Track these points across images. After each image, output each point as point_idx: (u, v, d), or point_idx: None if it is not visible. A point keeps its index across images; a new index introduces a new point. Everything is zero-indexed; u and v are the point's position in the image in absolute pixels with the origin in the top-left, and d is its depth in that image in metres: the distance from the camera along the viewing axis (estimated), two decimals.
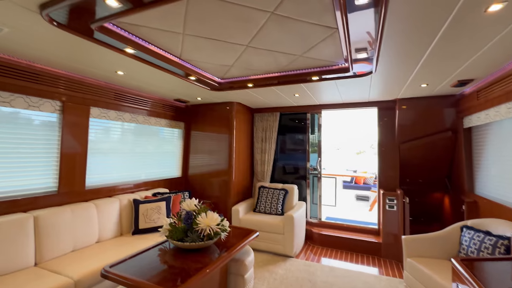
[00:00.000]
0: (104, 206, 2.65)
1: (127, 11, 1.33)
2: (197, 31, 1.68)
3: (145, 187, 3.42)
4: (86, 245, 2.42)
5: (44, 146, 2.37)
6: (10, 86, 2.09)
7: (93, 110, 2.74)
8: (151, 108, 3.47)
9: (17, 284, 1.74)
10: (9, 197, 2.13)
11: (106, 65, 2.25)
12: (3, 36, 1.68)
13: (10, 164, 2.14)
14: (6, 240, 1.90)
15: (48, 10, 1.34)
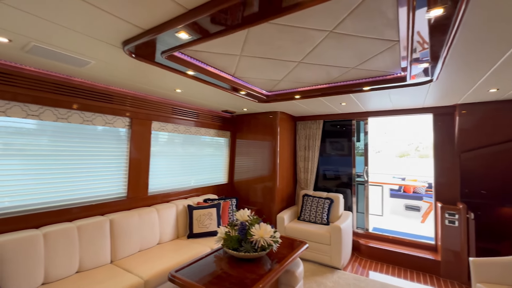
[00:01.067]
0: (164, 211, 2.86)
1: (194, 41, 1.43)
2: (254, 52, 1.73)
3: (196, 193, 3.61)
4: (149, 246, 2.64)
5: (115, 157, 2.65)
6: (91, 107, 2.39)
7: (154, 124, 3.00)
8: (202, 119, 3.66)
9: (99, 279, 1.97)
10: (89, 201, 2.43)
11: (167, 85, 2.44)
12: (90, 67, 1.94)
13: (89, 173, 2.45)
14: (90, 240, 2.17)
15: (129, 45, 1.51)
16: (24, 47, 1.59)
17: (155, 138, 3.07)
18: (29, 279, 1.80)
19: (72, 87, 2.23)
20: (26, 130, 2.04)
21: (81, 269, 2.10)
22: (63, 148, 2.25)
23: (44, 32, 1.41)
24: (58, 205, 2.21)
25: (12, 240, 1.78)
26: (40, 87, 2.04)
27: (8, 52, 1.69)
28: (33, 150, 2.08)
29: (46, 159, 2.15)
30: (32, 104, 2.03)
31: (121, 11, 1.20)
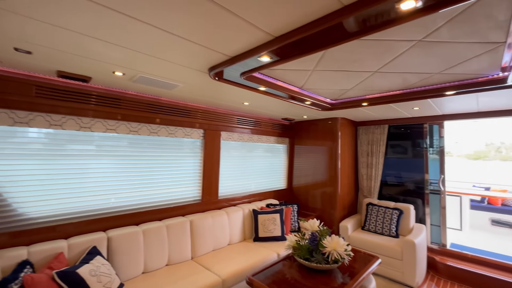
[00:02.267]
0: (232, 214, 3.03)
1: (274, 62, 1.48)
2: (327, 67, 1.70)
3: (258, 198, 3.72)
4: (221, 246, 2.83)
5: (192, 165, 2.93)
6: (174, 121, 2.69)
7: (222, 134, 3.21)
8: (263, 127, 3.76)
9: (185, 274, 2.20)
10: (172, 204, 2.73)
11: (237, 99, 2.58)
12: (177, 89, 2.19)
13: (171, 179, 2.75)
14: (176, 238, 2.44)
15: (214, 71, 1.66)
16: (132, 78, 1.89)
17: (223, 147, 3.28)
18: (134, 268, 2.12)
19: (160, 105, 2.56)
20: (128, 144, 2.42)
21: (170, 263, 2.38)
22: (152, 157, 2.59)
23: (150, 65, 1.65)
24: (149, 205, 2.55)
25: (120, 234, 2.13)
26: (138, 107, 2.40)
27: (120, 82, 2.03)
28: (132, 159, 2.45)
29: (140, 167, 2.50)
30: (133, 122, 2.39)
31: (213, 44, 1.33)
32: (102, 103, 2.17)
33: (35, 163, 1.92)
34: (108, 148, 2.29)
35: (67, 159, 2.06)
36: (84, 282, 1.61)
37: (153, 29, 1.17)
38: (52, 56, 1.50)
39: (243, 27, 1.14)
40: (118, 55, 1.49)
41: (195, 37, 1.25)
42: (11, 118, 1.78)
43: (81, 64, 1.64)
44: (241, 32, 1.19)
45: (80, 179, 2.13)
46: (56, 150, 2.01)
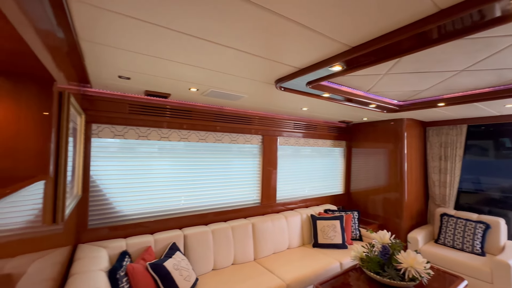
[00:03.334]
0: (291, 218, 3.04)
1: (346, 71, 1.43)
2: (403, 69, 1.57)
3: (315, 203, 3.64)
4: (281, 250, 2.87)
5: (251, 169, 3.04)
6: (236, 129, 2.84)
7: (279, 139, 3.25)
8: (319, 131, 3.67)
9: (250, 275, 2.30)
10: (234, 206, 2.88)
11: (297, 105, 2.58)
12: (242, 99, 2.31)
13: (234, 183, 2.90)
14: (240, 238, 2.57)
15: (281, 83, 1.69)
16: (204, 92, 2.07)
17: (280, 152, 3.31)
18: (205, 264, 2.31)
19: (223, 114, 2.73)
20: (197, 151, 2.65)
21: (235, 262, 2.52)
22: (217, 163, 2.78)
23: (221, 81, 1.78)
24: (214, 207, 2.75)
25: (194, 233, 2.34)
26: (205, 117, 2.60)
27: (192, 96, 2.24)
28: (199, 165, 2.67)
29: (206, 172, 2.71)
30: (201, 131, 2.61)
31: (283, 58, 1.36)
32: (176, 116, 2.43)
33: (127, 169, 2.26)
34: (180, 155, 2.55)
35: (150, 166, 2.37)
36: (169, 274, 1.83)
37: (228, 49, 1.26)
38: (145, 79, 1.75)
39: (318, 40, 1.13)
40: (196, 75, 1.65)
41: (266, 53, 1.30)
42: (112, 132, 2.14)
43: (164, 84, 1.87)
44: (314, 45, 1.19)
45: (159, 182, 2.42)
46: (142, 159, 2.33)
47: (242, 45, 1.21)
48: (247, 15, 0.94)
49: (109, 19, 0.98)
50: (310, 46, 1.20)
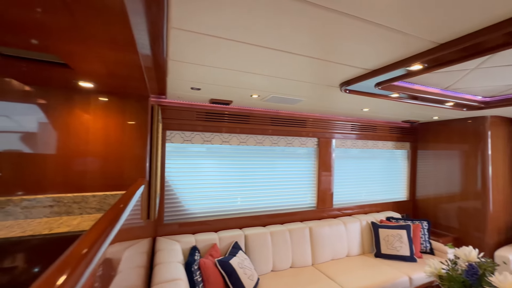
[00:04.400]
0: (349, 224, 2.90)
1: (427, 69, 1.31)
2: (499, 62, 1.35)
3: (375, 209, 3.40)
4: (339, 257, 2.76)
5: (307, 173, 3.00)
6: (291, 132, 2.84)
7: (335, 142, 3.13)
8: (379, 132, 3.41)
9: (309, 279, 2.27)
10: (290, 209, 2.88)
11: (357, 107, 2.45)
12: (300, 103, 2.30)
13: (289, 186, 2.90)
14: (297, 242, 2.56)
15: (346, 86, 1.63)
16: (264, 98, 2.13)
17: (336, 154, 3.19)
18: (265, 265, 2.37)
19: (279, 118, 2.76)
20: (253, 154, 2.74)
21: (293, 266, 2.52)
22: (273, 165, 2.82)
23: (283, 86, 1.80)
24: (270, 209, 2.79)
25: (254, 234, 2.42)
26: (262, 121, 2.67)
27: (252, 102, 2.32)
28: (255, 167, 2.74)
29: (262, 174, 2.77)
30: (258, 135, 2.69)
31: (352, 60, 1.30)
32: (236, 121, 2.55)
33: (192, 171, 2.47)
34: (238, 158, 2.66)
35: (211, 168, 2.55)
36: (235, 272, 1.93)
37: (297, 56, 1.27)
38: (212, 89, 1.89)
39: (398, 39, 1.06)
40: (260, 82, 1.71)
41: (335, 57, 1.27)
42: (182, 137, 2.36)
43: (229, 92, 1.98)
44: (393, 45, 1.11)
45: (219, 183, 2.58)
46: (205, 161, 2.52)
47: (311, 51, 1.21)
48: (322, 22, 0.94)
49: (193, 39, 1.09)
50: (388, 46, 1.13)
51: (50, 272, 0.28)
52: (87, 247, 0.35)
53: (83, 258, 0.33)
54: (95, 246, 0.37)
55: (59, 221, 1.07)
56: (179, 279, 1.52)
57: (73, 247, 0.35)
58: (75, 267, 0.30)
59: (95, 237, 0.40)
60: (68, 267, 0.30)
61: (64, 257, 0.32)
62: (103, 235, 0.43)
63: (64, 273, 0.29)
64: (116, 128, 1.32)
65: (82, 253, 0.34)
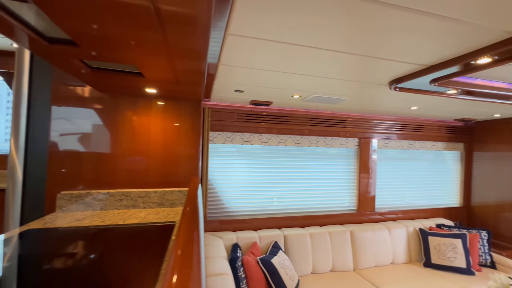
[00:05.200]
0: (394, 230, 2.73)
1: (496, 62, 1.18)
2: None
3: (423, 215, 3.15)
4: (383, 264, 2.61)
5: (346, 174, 2.90)
6: (330, 132, 2.77)
7: (378, 142, 2.97)
8: (427, 132, 3.16)
9: (350, 285, 2.19)
10: (328, 211, 2.81)
11: (404, 105, 2.30)
12: (343, 102, 2.24)
13: (328, 187, 2.83)
14: (338, 245, 2.49)
15: (396, 83, 1.55)
16: (305, 98, 2.11)
17: (379, 156, 3.03)
18: (304, 266, 2.35)
19: (318, 118, 2.71)
20: (291, 155, 2.73)
21: (333, 269, 2.46)
22: (311, 166, 2.78)
23: (326, 86, 1.77)
24: (308, 210, 2.75)
25: (293, 234, 2.42)
26: (301, 122, 2.65)
27: (291, 102, 2.32)
28: (294, 168, 2.73)
29: (301, 175, 2.75)
30: (297, 135, 2.68)
31: (410, 57, 1.23)
32: (275, 121, 2.57)
33: (232, 170, 2.55)
34: (277, 158, 2.68)
35: (250, 167, 2.60)
36: (277, 271, 1.95)
37: (345, 55, 1.24)
38: (255, 91, 1.94)
39: (465, 31, 0.98)
40: (304, 83, 1.70)
41: (387, 53, 1.21)
42: (223, 138, 2.46)
43: (270, 93, 2.01)
44: (458, 38, 1.03)
45: (257, 183, 2.62)
46: (244, 161, 2.58)
47: (361, 49, 1.17)
48: (376, 18, 0.91)
49: (245, 43, 1.14)
50: (452, 39, 1.04)
51: (176, 272, 0.32)
52: (189, 247, 0.40)
53: (192, 259, 0.37)
54: (194, 247, 0.41)
55: (128, 213, 1.20)
56: (226, 273, 1.58)
57: (181, 250, 0.39)
58: (190, 267, 0.34)
59: (191, 238, 0.45)
60: (188, 267, 0.34)
61: (179, 260, 0.36)
62: (195, 235, 0.48)
63: (187, 271, 0.33)
64: (173, 129, 1.42)
65: (190, 255, 0.38)
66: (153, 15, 0.52)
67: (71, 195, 1.21)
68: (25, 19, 0.60)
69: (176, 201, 1.35)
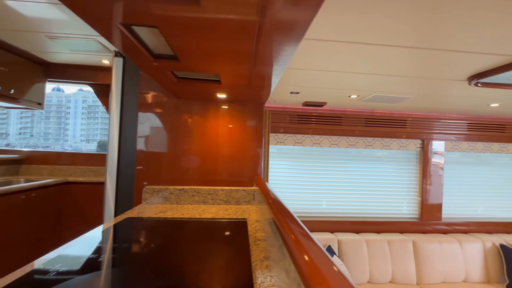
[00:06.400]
0: (466, 244, 2.41)
1: None
2: None
3: (504, 230, 2.71)
4: (454, 281, 2.33)
5: (407, 179, 2.66)
6: (388, 133, 2.58)
7: (446, 144, 2.67)
8: (508, 132, 2.71)
9: None
10: (386, 218, 2.62)
11: (482, 102, 2.03)
12: (405, 101, 2.08)
13: (385, 192, 2.64)
14: (398, 255, 2.31)
15: (478, 78, 1.38)
16: (363, 98, 2.02)
17: (447, 159, 2.71)
18: (361, 274, 2.24)
19: (374, 118, 2.56)
20: (344, 156, 2.63)
21: (393, 281, 2.29)
22: (366, 169, 2.63)
23: (388, 84, 1.67)
24: (363, 216, 2.61)
25: (347, 239, 2.32)
26: (355, 122, 2.54)
27: (346, 102, 2.25)
28: (348, 170, 2.62)
29: (355, 178, 2.62)
30: (351, 136, 2.58)
31: (496, 48, 1.08)
32: (327, 122, 2.52)
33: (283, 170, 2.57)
34: (327, 160, 2.61)
35: (301, 168, 2.59)
36: None
37: (412, 50, 1.15)
38: (310, 92, 1.93)
39: None
40: (365, 82, 1.63)
41: (467, 45, 1.08)
42: (275, 139, 2.50)
43: (325, 94, 1.98)
44: None
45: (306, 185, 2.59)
46: (295, 161, 2.58)
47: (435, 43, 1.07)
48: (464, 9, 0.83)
49: (309, 46, 1.15)
50: None
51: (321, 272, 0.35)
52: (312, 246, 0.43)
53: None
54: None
55: (200, 208, 1.31)
56: None
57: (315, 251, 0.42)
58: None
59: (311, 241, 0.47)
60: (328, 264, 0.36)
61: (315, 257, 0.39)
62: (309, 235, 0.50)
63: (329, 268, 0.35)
64: (238, 131, 1.51)
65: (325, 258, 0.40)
66: (255, 28, 0.58)
67: (153, 189, 1.38)
68: (144, 41, 0.72)
69: (241, 199, 1.42)
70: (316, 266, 0.34)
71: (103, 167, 2.45)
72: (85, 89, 10.83)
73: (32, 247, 1.82)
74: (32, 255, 1.80)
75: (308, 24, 0.54)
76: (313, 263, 0.35)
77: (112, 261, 0.68)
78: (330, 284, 0.30)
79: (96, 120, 9.64)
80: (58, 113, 12.74)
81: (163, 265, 0.66)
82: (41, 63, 2.20)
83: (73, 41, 1.76)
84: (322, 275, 0.32)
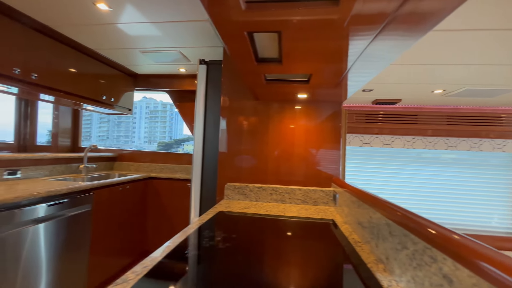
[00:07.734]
0: None
1: None
2: None
3: None
4: None
5: (500, 186, 2.25)
6: (478, 132, 2.23)
7: None
8: None
9: None
10: (468, 229, 2.25)
11: None
12: (502, 95, 1.77)
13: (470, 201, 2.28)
14: None
15: None
16: (450, 92, 1.79)
17: None
18: None
19: (459, 116, 2.24)
20: (421, 160, 2.36)
21: None
22: (445, 174, 2.32)
23: (487, 75, 1.43)
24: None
25: None
26: (434, 121, 2.27)
27: (425, 99, 2.02)
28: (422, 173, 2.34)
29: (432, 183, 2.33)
30: (429, 136, 2.31)
31: None
32: (399, 121, 2.31)
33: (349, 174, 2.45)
34: (399, 162, 2.38)
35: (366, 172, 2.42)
36: None
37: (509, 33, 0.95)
38: (384, 89, 1.80)
39: None
40: (457, 74, 1.44)
41: None
42: None
43: (402, 90, 1.82)
44: None
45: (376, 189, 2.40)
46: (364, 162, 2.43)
47: None
48: None
49: None
50: None
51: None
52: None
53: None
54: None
55: (280, 206, 1.34)
56: None
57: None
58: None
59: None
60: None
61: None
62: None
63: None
64: (315, 132, 1.50)
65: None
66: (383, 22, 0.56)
67: (234, 186, 1.47)
68: (255, 46, 0.77)
69: (319, 200, 1.41)
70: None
71: (177, 165, 2.71)
72: (147, 96, 12.02)
73: (128, 229, 2.13)
74: (127, 235, 2.10)
75: (450, 12, 0.50)
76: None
77: (233, 248, 0.74)
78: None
79: (156, 124, 11.11)
80: (126, 117, 15.47)
81: (279, 257, 0.69)
82: (131, 74, 2.57)
83: (159, 54, 2.00)
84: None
